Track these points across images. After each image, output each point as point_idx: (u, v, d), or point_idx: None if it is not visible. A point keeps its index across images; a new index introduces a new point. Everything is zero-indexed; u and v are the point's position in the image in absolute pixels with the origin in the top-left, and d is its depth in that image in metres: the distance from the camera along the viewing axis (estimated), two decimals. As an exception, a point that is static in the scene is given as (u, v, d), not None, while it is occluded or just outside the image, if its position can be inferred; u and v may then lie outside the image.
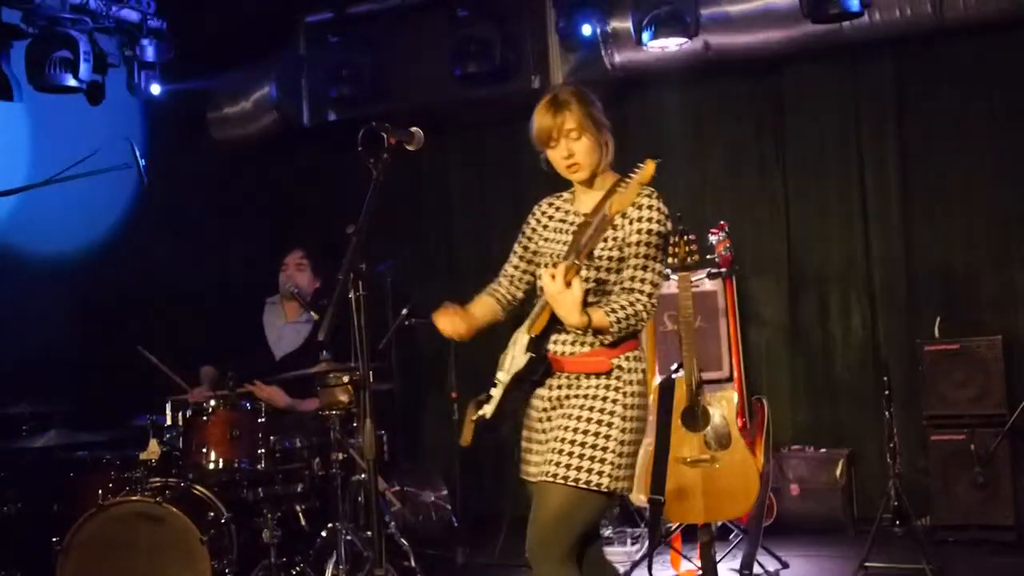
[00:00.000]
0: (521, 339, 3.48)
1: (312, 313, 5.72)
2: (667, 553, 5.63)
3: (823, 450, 6.42)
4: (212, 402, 5.16)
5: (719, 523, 5.44)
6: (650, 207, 3.39)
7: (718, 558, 5.28)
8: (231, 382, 5.29)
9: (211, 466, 5.07)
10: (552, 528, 3.33)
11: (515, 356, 3.49)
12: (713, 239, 5.69)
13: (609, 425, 3.32)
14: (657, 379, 5.56)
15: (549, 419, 3.44)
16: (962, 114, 6.44)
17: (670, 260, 5.39)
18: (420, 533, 5.87)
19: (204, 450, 5.08)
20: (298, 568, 5.08)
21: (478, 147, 7.54)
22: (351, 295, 3.45)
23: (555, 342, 3.43)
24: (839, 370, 6.68)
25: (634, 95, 7.03)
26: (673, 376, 5.29)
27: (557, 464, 3.31)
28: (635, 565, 5.60)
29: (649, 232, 3.36)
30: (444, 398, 6.41)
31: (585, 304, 3.28)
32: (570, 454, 3.31)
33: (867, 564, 5.15)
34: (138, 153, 5.37)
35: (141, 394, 5.69)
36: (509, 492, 7.16)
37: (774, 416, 5.88)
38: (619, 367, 3.38)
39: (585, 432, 3.32)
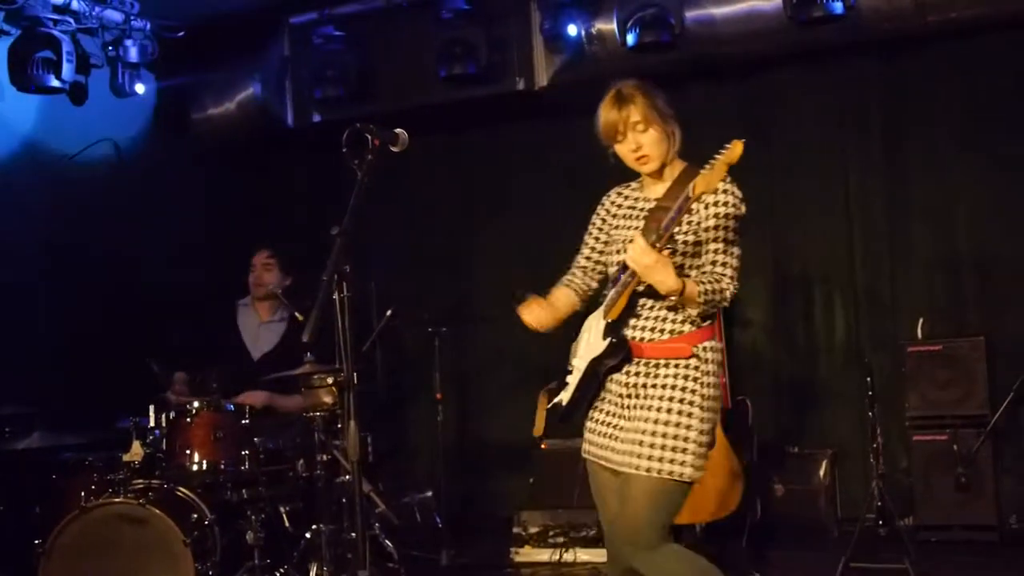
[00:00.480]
0: (596, 325, 3.51)
1: (296, 314, 5.69)
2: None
3: (807, 450, 6.44)
4: (196, 404, 5.14)
5: (703, 523, 5.44)
6: (725, 191, 3.42)
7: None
8: (215, 390, 5.28)
9: (195, 468, 5.05)
10: (641, 519, 3.37)
11: (590, 342, 3.51)
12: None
13: (690, 415, 3.35)
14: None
15: (629, 407, 3.45)
16: (945, 116, 6.48)
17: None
18: (404, 534, 5.87)
19: (188, 452, 5.06)
20: (282, 570, 5.06)
21: (463, 148, 7.54)
22: (335, 296, 3.45)
23: (633, 328, 3.45)
24: (823, 371, 6.70)
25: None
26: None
27: (639, 456, 3.35)
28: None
29: (726, 216, 3.40)
30: (429, 399, 6.40)
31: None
32: (652, 445, 3.33)
33: (851, 564, 5.16)
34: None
35: (124, 396, 5.67)
36: (494, 493, 7.19)
37: (758, 416, 5.91)
38: (697, 356, 3.40)
39: (667, 423, 3.34)
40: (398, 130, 3.62)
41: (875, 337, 6.55)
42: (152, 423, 5.18)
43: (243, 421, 5.15)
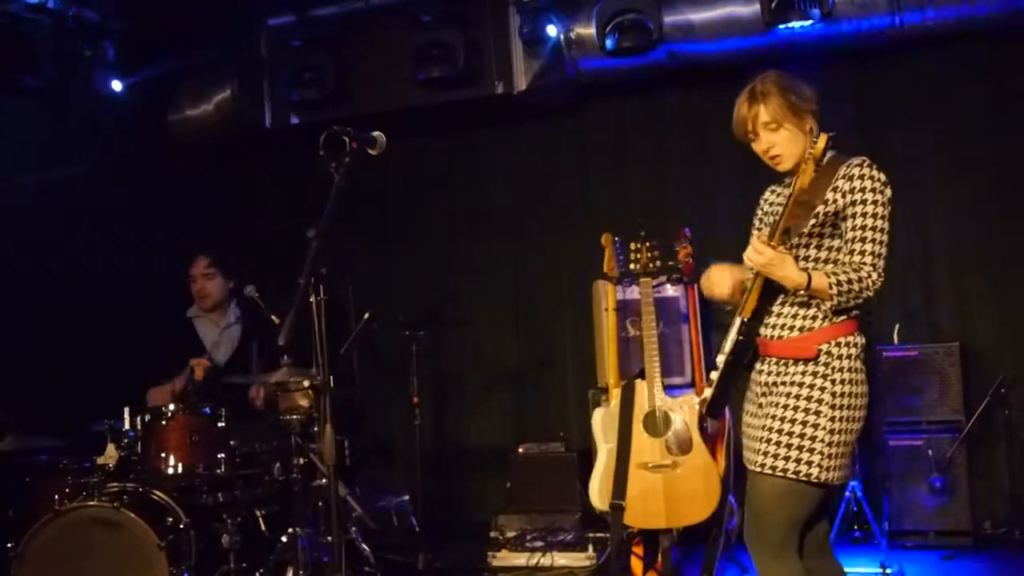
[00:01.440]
0: (736, 321, 3.47)
1: (273, 316, 5.66)
2: (628, 558, 5.63)
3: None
4: (171, 407, 5.12)
5: (681, 528, 5.45)
6: (861, 176, 3.33)
7: (679, 563, 5.29)
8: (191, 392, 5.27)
9: (170, 471, 5.02)
10: (765, 519, 3.34)
11: (731, 339, 3.47)
12: (676, 246, 5.71)
13: (817, 414, 3.27)
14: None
15: (760, 406, 3.43)
16: (920, 123, 6.52)
17: (632, 266, 5.42)
18: (381, 538, 5.85)
19: (163, 455, 5.03)
20: (258, 574, 5.04)
21: (442, 151, 7.54)
22: (312, 299, 3.44)
23: (767, 325, 3.40)
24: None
25: (597, 101, 7.06)
26: (635, 382, 5.31)
27: (766, 454, 3.31)
28: (596, 571, 5.62)
29: (863, 202, 3.29)
30: (406, 403, 6.39)
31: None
32: (778, 443, 3.29)
33: (826, 569, 5.17)
34: None
35: (99, 399, 5.63)
36: (471, 497, 7.19)
37: (735, 421, 5.90)
38: (827, 352, 3.30)
39: (792, 421, 3.29)
40: (376, 133, 3.62)
41: (851, 342, 6.57)
42: (127, 426, 5.14)
43: (219, 424, 5.13)
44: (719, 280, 3.56)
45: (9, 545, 4.72)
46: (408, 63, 6.57)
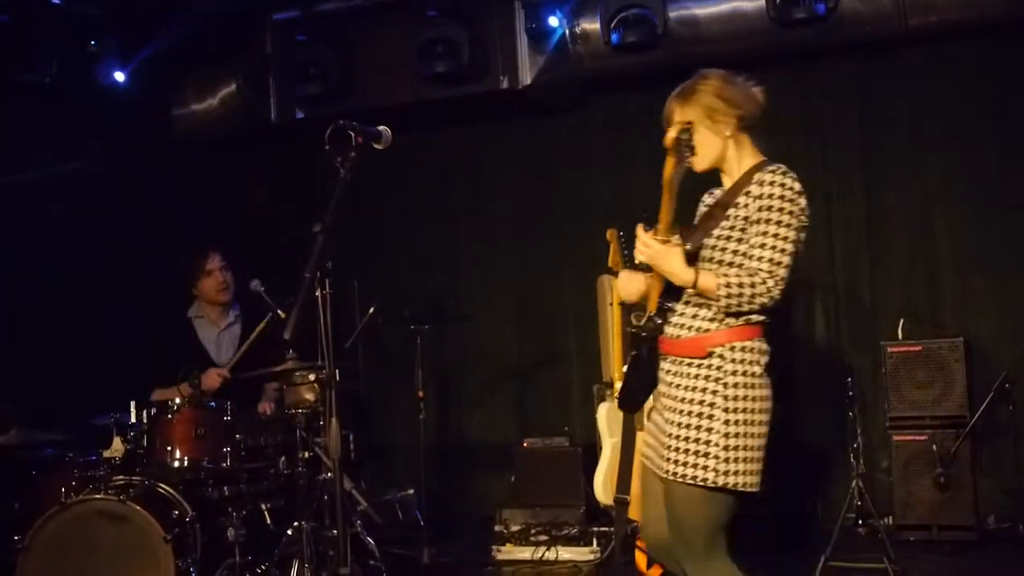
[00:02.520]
0: (644, 316, 3.44)
1: (279, 311, 5.66)
2: (632, 552, 5.64)
3: (787, 450, 6.46)
4: (177, 400, 5.13)
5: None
6: (772, 183, 3.31)
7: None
8: (197, 386, 5.28)
9: (175, 464, 5.03)
10: (685, 526, 3.31)
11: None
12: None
13: (711, 418, 3.23)
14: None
15: (664, 405, 3.39)
16: (925, 119, 6.52)
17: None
18: (386, 532, 5.86)
19: (169, 448, 5.04)
20: (263, 567, 5.05)
21: (446, 146, 7.54)
22: (317, 293, 3.44)
23: (670, 323, 3.37)
24: (803, 371, 6.72)
25: (602, 96, 7.06)
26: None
27: (669, 460, 3.27)
28: (600, 565, 5.63)
29: (769, 209, 3.28)
30: (411, 397, 6.41)
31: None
32: (677, 449, 3.26)
33: (830, 563, 5.18)
34: None
35: (105, 392, 5.64)
36: (476, 491, 7.20)
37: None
38: (720, 356, 3.27)
39: (688, 426, 3.26)
40: (381, 127, 3.62)
41: (855, 338, 6.58)
42: (133, 419, 5.16)
43: (225, 418, 5.14)
44: (628, 285, 3.52)
45: (15, 538, 4.72)
46: (413, 58, 6.57)
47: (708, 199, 3.58)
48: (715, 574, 3.34)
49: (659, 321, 3.37)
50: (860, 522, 5.93)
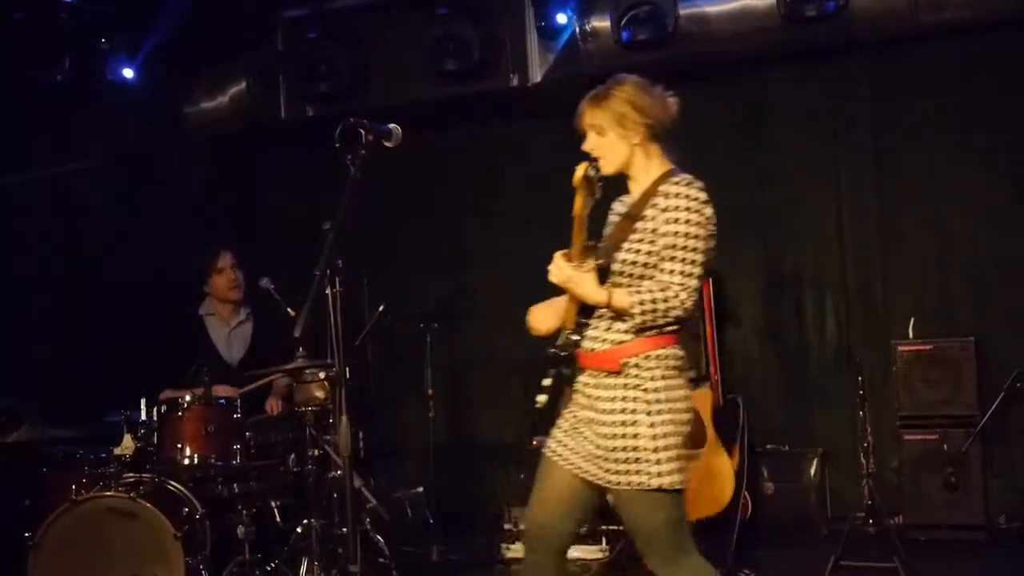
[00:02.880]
0: (562, 334, 3.49)
1: (289, 309, 5.68)
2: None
3: (797, 449, 6.45)
4: (187, 397, 5.14)
5: (693, 521, 5.45)
6: (677, 194, 3.37)
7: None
8: (206, 383, 5.29)
9: (185, 462, 5.05)
10: (637, 533, 3.38)
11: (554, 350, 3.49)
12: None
13: (635, 424, 3.29)
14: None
15: (583, 418, 3.43)
16: (937, 117, 6.48)
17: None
18: (395, 530, 5.86)
19: (179, 446, 5.06)
20: (272, 564, 5.06)
21: (456, 144, 7.54)
22: (327, 291, 3.44)
23: (586, 338, 3.42)
24: (814, 370, 6.71)
25: (612, 94, 7.04)
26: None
27: (606, 470, 3.33)
28: (609, 563, 5.62)
29: (676, 220, 3.33)
30: (420, 395, 6.40)
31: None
32: (608, 459, 3.32)
33: (840, 562, 5.17)
34: None
35: (115, 390, 5.66)
36: (485, 489, 7.19)
37: (749, 415, 5.92)
38: (636, 366, 3.33)
39: (614, 436, 3.31)
40: (392, 125, 3.62)
41: (866, 336, 6.56)
42: (143, 417, 5.17)
43: (235, 416, 5.15)
44: (541, 318, 3.56)
45: (26, 535, 4.74)
46: (423, 55, 6.57)
47: (619, 207, 3.63)
48: (684, 572, 3.37)
49: (576, 338, 3.42)
50: (870, 521, 5.91)
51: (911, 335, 6.18)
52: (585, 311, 3.40)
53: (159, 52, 6.73)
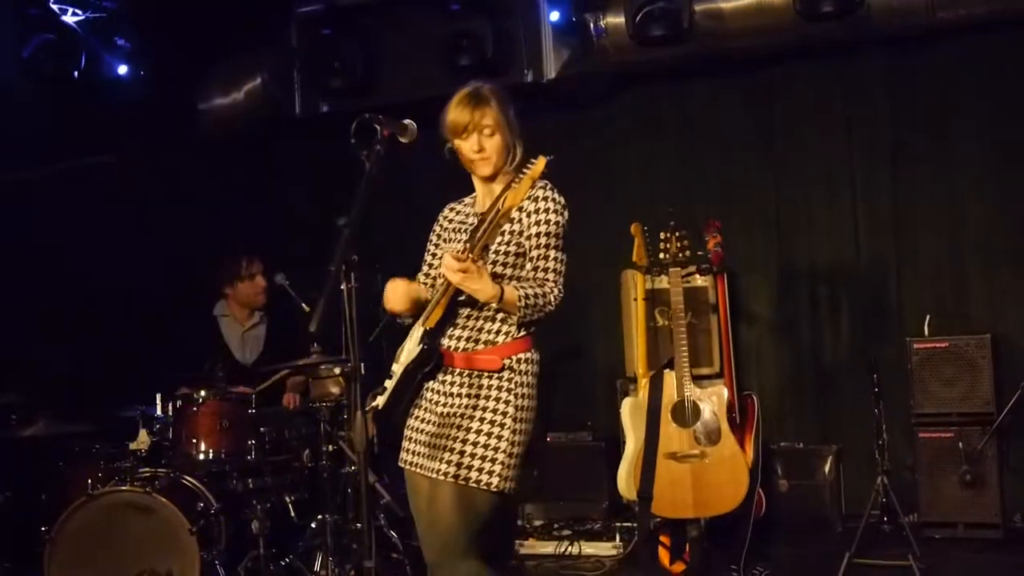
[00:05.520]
0: (416, 332, 3.52)
1: (305, 306, 5.69)
2: (656, 548, 5.64)
3: (812, 446, 6.44)
4: (202, 393, 5.16)
5: (707, 518, 5.45)
6: (546, 199, 3.47)
7: (706, 553, 5.29)
8: (221, 379, 5.31)
9: (201, 457, 5.07)
10: (447, 525, 3.37)
11: (410, 349, 3.53)
12: (705, 236, 5.70)
13: (501, 426, 3.37)
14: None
15: (442, 415, 3.44)
16: (953, 113, 6.46)
17: (661, 256, 5.42)
18: (408, 526, 5.85)
19: (194, 441, 5.08)
20: (287, 559, 5.08)
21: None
22: (343, 287, 3.44)
23: (450, 337, 3.46)
24: (828, 367, 6.70)
25: (627, 90, 7.04)
26: (663, 372, 5.31)
27: (448, 462, 3.35)
28: (624, 560, 5.62)
29: (547, 223, 3.44)
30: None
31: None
32: (461, 452, 3.35)
33: (855, 560, 5.16)
34: None
35: (131, 384, 5.68)
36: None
37: (763, 412, 5.90)
38: (510, 368, 3.41)
39: (478, 432, 3.36)
40: (407, 121, 3.62)
41: (881, 333, 6.54)
42: (159, 411, 5.20)
43: (250, 411, 5.16)
44: (394, 295, 3.61)
45: (43, 529, 4.78)
46: (438, 51, 6.56)
47: (452, 214, 3.76)
48: (463, 573, 3.38)
49: (439, 334, 3.46)
50: (885, 519, 5.89)
51: (926, 332, 6.16)
52: (454, 309, 3.43)
53: (173, 48, 6.74)
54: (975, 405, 5.88)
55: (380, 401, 3.52)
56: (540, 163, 3.32)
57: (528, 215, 3.44)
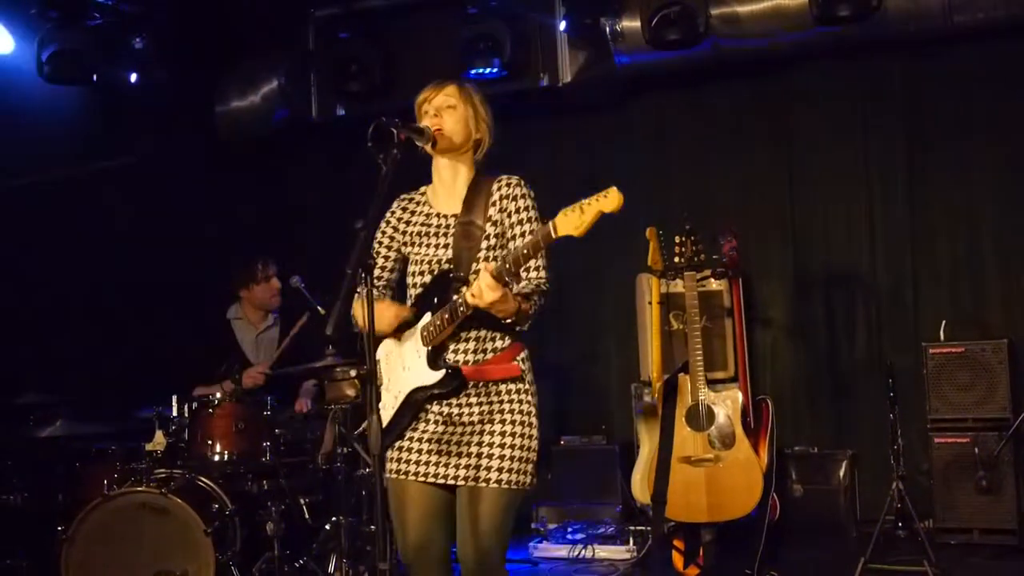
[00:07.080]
0: (408, 352, 3.46)
1: (321, 309, 5.70)
2: (669, 551, 5.63)
3: (827, 451, 6.43)
4: (218, 394, 5.18)
5: (722, 522, 5.44)
6: (523, 196, 3.54)
7: (720, 557, 5.29)
8: (237, 380, 5.33)
9: (216, 458, 5.09)
10: (497, 533, 3.35)
11: (408, 369, 3.46)
12: (720, 240, 5.70)
13: (531, 425, 3.40)
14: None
15: (454, 424, 3.39)
16: (969, 117, 6.44)
17: (676, 260, 5.42)
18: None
19: (209, 442, 5.10)
20: (301, 561, 5.09)
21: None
22: (359, 290, 3.44)
23: (455, 352, 3.42)
24: (843, 371, 6.68)
25: (642, 94, 7.04)
26: (678, 376, 5.31)
27: (491, 469, 3.33)
28: (637, 563, 5.62)
29: (530, 220, 3.49)
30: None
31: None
32: (501, 457, 3.34)
33: (869, 565, 5.15)
34: None
35: (148, 386, 5.71)
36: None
37: (778, 416, 5.89)
38: (523, 369, 3.45)
39: (514, 435, 3.36)
40: (423, 125, 3.62)
41: (897, 338, 6.52)
42: (175, 413, 5.22)
43: (265, 413, 5.18)
44: (384, 319, 3.49)
45: (59, 528, 4.80)
46: (454, 55, 6.58)
47: (403, 213, 3.66)
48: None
49: (444, 353, 3.42)
50: (900, 525, 5.88)
51: (942, 337, 6.14)
52: (462, 326, 3.37)
53: (191, 51, 6.77)
54: (991, 410, 5.86)
55: (385, 422, 3.46)
56: (613, 196, 3.14)
57: (508, 213, 3.49)
